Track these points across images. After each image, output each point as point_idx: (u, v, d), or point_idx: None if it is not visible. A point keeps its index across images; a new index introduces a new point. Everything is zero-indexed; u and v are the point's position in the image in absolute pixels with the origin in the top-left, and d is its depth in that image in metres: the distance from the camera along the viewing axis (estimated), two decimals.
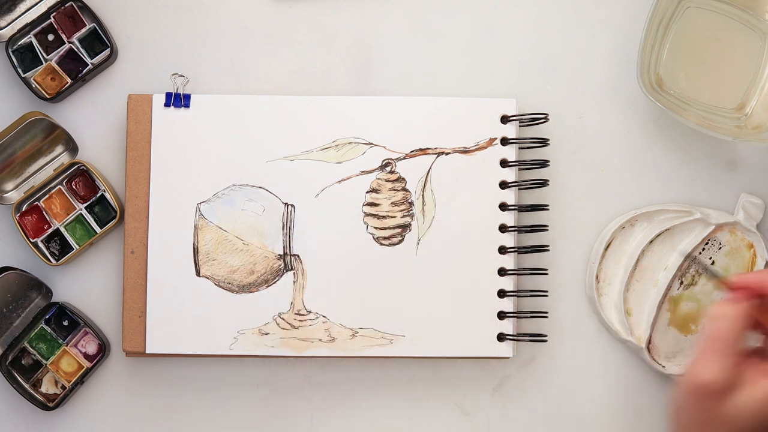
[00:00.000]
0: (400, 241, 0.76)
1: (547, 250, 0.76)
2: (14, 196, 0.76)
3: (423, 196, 0.76)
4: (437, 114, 0.76)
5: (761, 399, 0.57)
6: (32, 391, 0.76)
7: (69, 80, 0.77)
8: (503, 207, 0.76)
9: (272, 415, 0.78)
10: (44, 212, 0.76)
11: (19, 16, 0.77)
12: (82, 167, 0.77)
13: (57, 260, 0.76)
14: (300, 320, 0.75)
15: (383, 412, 0.78)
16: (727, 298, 0.61)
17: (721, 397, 0.58)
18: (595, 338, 0.78)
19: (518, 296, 0.76)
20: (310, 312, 0.75)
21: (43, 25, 0.77)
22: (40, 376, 0.76)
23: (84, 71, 0.77)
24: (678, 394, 0.61)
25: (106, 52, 0.77)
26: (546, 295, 0.77)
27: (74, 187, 0.77)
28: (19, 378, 0.76)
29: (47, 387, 0.77)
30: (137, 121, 0.76)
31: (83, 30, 0.77)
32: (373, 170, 0.76)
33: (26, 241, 0.76)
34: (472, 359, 0.77)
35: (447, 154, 0.76)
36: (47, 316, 0.76)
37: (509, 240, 0.76)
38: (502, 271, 0.76)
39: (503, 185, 0.76)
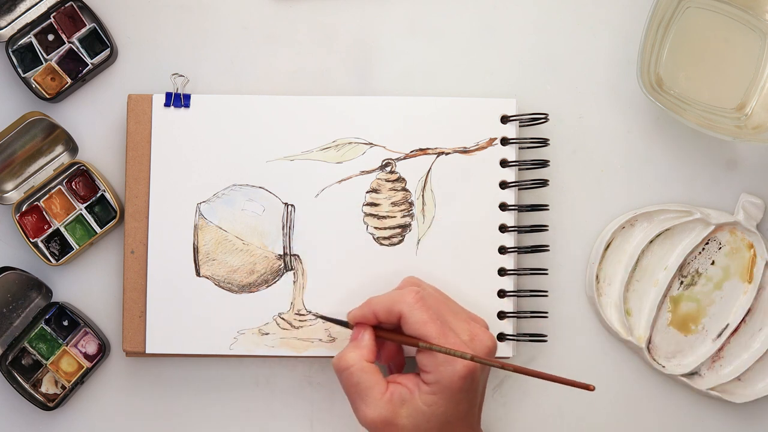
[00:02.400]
0: (400, 241, 0.76)
1: (547, 250, 0.76)
2: (14, 196, 0.76)
3: (423, 196, 0.76)
4: (437, 114, 0.76)
5: (423, 409, 0.66)
6: (32, 391, 0.76)
7: (69, 80, 0.77)
8: (503, 207, 0.76)
9: (272, 415, 0.78)
10: (44, 212, 0.76)
11: (19, 16, 0.77)
12: (82, 167, 0.77)
13: (57, 260, 0.76)
14: (300, 320, 0.75)
15: None
16: (350, 341, 0.70)
17: (390, 425, 0.67)
18: (595, 338, 0.78)
19: (518, 296, 0.76)
20: (310, 312, 0.75)
21: (43, 25, 0.77)
22: (40, 376, 0.76)
23: (84, 71, 0.77)
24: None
25: (106, 52, 0.77)
26: (546, 295, 0.77)
27: (74, 187, 0.77)
28: (19, 378, 0.76)
29: (47, 387, 0.77)
30: (137, 121, 0.76)
31: (83, 30, 0.77)
32: (373, 170, 0.76)
33: (26, 241, 0.76)
34: None
35: (447, 154, 0.76)
36: (47, 316, 0.76)
37: (509, 240, 0.76)
38: (502, 271, 0.76)
39: (503, 185, 0.76)
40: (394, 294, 0.69)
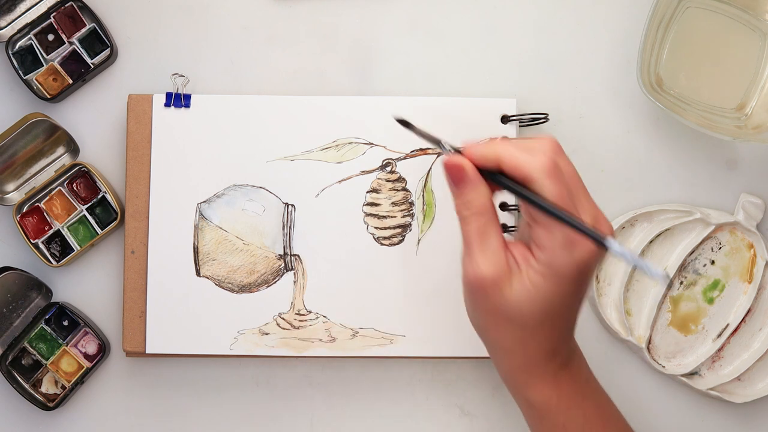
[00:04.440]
0: (401, 241, 0.76)
1: None
2: (15, 197, 0.76)
3: (423, 196, 0.76)
4: (437, 114, 0.76)
5: (528, 288, 0.59)
6: (32, 391, 0.76)
7: (70, 81, 0.77)
8: (503, 207, 0.76)
9: (272, 415, 0.78)
10: (45, 213, 0.76)
11: (19, 16, 0.77)
12: (83, 168, 0.77)
13: (57, 261, 0.76)
14: (300, 320, 0.75)
15: (383, 412, 0.78)
16: (466, 184, 0.60)
17: (497, 288, 0.59)
18: (595, 338, 0.78)
19: None
20: (310, 312, 0.75)
21: (43, 25, 0.77)
22: (40, 376, 0.76)
23: (86, 72, 0.77)
24: (464, 296, 0.62)
25: (106, 52, 0.77)
26: None
27: (75, 188, 0.77)
28: (19, 378, 0.76)
29: (47, 387, 0.77)
30: (137, 121, 0.76)
31: (83, 30, 0.77)
32: (374, 170, 0.76)
33: (27, 242, 0.76)
34: (472, 359, 0.77)
35: None
36: (47, 316, 0.76)
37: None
38: None
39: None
40: (526, 150, 0.59)
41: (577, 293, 0.60)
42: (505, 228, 0.76)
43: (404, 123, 0.63)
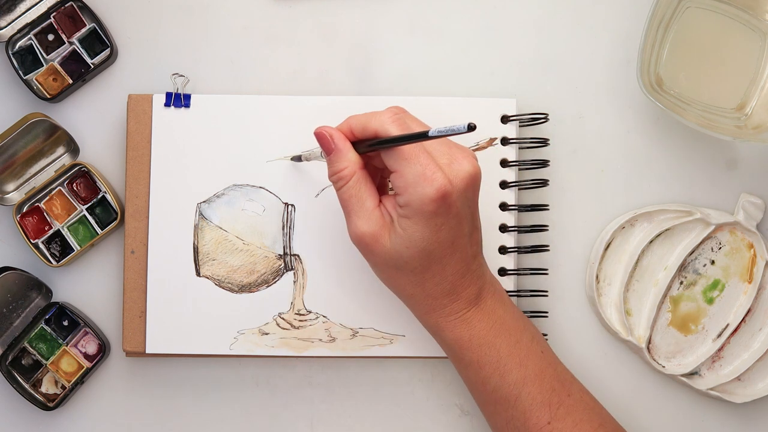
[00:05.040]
0: None
1: (547, 250, 0.76)
2: (15, 197, 0.76)
3: None
4: (437, 114, 0.76)
5: (400, 233, 0.64)
6: (32, 391, 0.76)
7: (71, 81, 0.77)
8: (503, 207, 0.76)
9: (272, 415, 0.78)
10: (45, 213, 0.76)
11: (19, 16, 0.77)
12: (83, 169, 0.77)
13: (57, 261, 0.76)
14: (300, 320, 0.75)
15: (384, 411, 0.78)
16: (336, 152, 0.67)
17: (377, 242, 0.65)
18: (595, 338, 0.78)
19: (518, 296, 0.76)
20: (310, 312, 0.75)
21: (43, 25, 0.77)
22: (40, 376, 0.76)
23: (86, 72, 0.77)
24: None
25: (106, 52, 0.77)
26: (546, 295, 0.77)
27: (75, 188, 0.77)
28: (19, 378, 0.76)
29: (47, 387, 0.77)
30: (137, 121, 0.76)
31: (83, 30, 0.77)
32: None
33: (27, 242, 0.76)
34: None
35: None
36: (47, 316, 0.76)
37: (509, 240, 0.76)
38: (502, 271, 0.76)
39: (503, 185, 0.76)
40: (372, 112, 0.67)
41: (449, 226, 0.64)
42: (504, 228, 0.76)
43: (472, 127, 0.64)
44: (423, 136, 0.61)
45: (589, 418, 0.69)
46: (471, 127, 0.56)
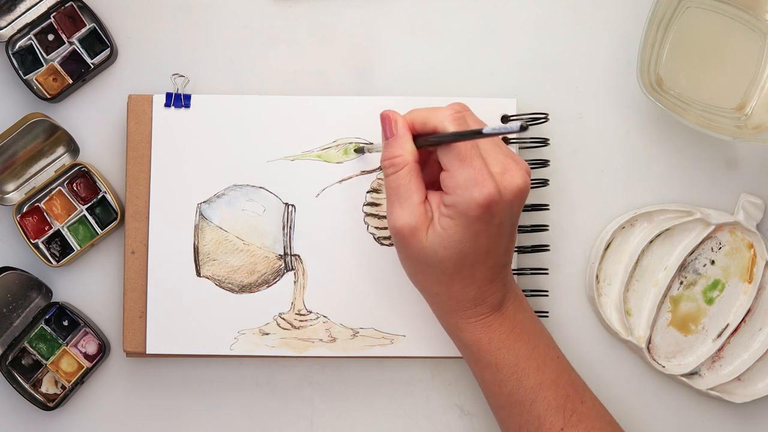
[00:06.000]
0: None
1: (547, 250, 0.76)
2: (15, 197, 0.76)
3: None
4: None
5: (440, 232, 0.64)
6: (32, 391, 0.76)
7: (70, 81, 0.77)
8: None
9: (272, 415, 0.78)
10: (45, 213, 0.76)
11: (19, 16, 0.77)
12: (83, 169, 0.77)
13: (57, 261, 0.76)
14: (301, 320, 0.75)
15: (384, 412, 0.78)
16: (396, 137, 0.67)
17: (414, 237, 0.65)
18: (595, 338, 0.78)
19: None
20: (310, 312, 0.75)
21: (43, 25, 0.77)
22: (40, 376, 0.76)
23: (86, 72, 0.77)
24: (392, 241, 0.68)
25: (106, 52, 0.77)
26: (546, 295, 0.77)
27: (75, 188, 0.77)
28: (19, 378, 0.76)
29: (47, 387, 0.77)
30: (137, 121, 0.76)
31: (83, 30, 0.77)
32: (374, 170, 0.76)
33: (27, 242, 0.76)
34: None
35: None
36: (47, 316, 0.76)
37: None
38: None
39: None
40: (433, 107, 0.67)
41: (489, 234, 0.64)
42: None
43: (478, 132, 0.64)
44: (477, 133, 0.61)
45: (601, 426, 0.69)
46: (523, 127, 0.56)
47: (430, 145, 0.66)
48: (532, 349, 0.68)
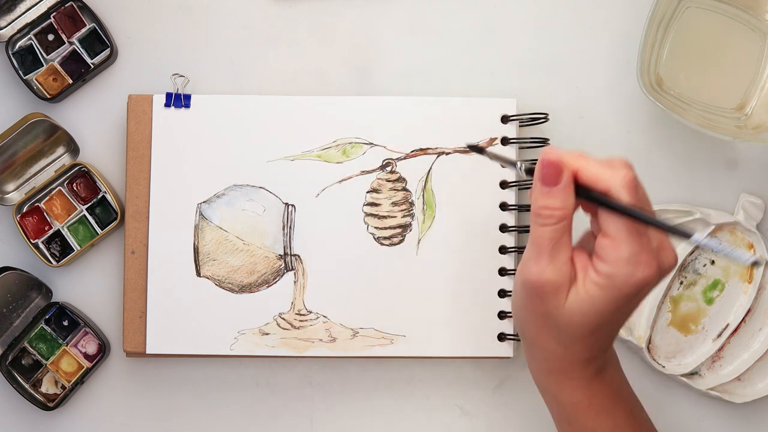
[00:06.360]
0: (401, 241, 0.76)
1: None
2: (15, 197, 0.76)
3: (423, 195, 0.76)
4: (437, 114, 0.76)
5: (584, 298, 0.59)
6: (32, 391, 0.76)
7: (70, 81, 0.77)
8: (504, 207, 0.76)
9: (272, 415, 0.78)
10: (45, 213, 0.76)
11: (19, 16, 0.77)
12: (83, 169, 0.77)
13: (57, 261, 0.76)
14: (300, 320, 0.75)
15: (383, 412, 0.78)
16: (559, 187, 0.59)
17: (555, 296, 0.59)
18: None
19: None
20: (310, 312, 0.75)
21: (43, 25, 0.77)
22: (40, 376, 0.76)
23: (86, 72, 0.77)
24: (516, 291, 0.62)
25: (106, 52, 0.77)
26: None
27: (75, 188, 0.77)
28: (19, 378, 0.76)
29: (47, 387, 0.77)
30: (137, 121, 0.76)
31: (83, 30, 0.77)
32: (374, 170, 0.76)
33: (27, 242, 0.76)
34: (472, 359, 0.77)
35: (447, 153, 0.76)
36: (47, 316, 0.76)
37: (509, 240, 0.76)
38: (502, 271, 0.76)
39: (504, 185, 0.76)
40: (606, 161, 0.59)
41: (629, 309, 0.60)
42: (504, 228, 0.76)
43: (477, 149, 0.62)
44: (685, 235, 0.57)
45: None
46: (756, 263, 0.54)
47: (595, 204, 0.59)
48: (629, 414, 0.64)
